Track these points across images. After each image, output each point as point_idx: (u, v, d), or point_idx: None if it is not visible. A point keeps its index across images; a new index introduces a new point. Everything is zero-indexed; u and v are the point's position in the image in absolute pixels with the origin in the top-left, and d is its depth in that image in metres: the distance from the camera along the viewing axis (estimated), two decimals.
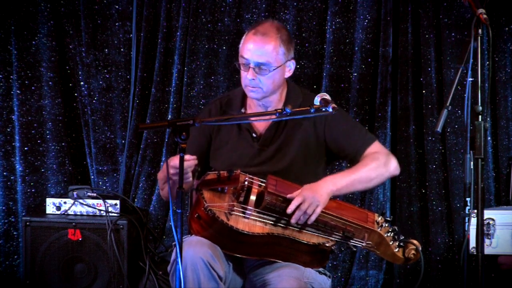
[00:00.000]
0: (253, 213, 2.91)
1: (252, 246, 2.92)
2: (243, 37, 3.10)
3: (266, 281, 2.97)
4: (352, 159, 3.14)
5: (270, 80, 3.05)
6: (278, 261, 3.00)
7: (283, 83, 3.15)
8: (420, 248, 3.04)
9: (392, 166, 3.14)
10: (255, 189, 2.96)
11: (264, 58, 3.03)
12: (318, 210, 2.91)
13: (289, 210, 2.90)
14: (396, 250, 3.04)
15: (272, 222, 2.93)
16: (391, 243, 3.03)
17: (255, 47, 3.03)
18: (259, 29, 3.06)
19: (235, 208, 2.90)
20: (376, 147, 3.15)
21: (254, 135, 3.14)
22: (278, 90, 3.13)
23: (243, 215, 2.91)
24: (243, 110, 3.18)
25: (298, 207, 2.90)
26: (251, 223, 2.90)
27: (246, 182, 2.96)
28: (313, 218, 2.91)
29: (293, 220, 2.91)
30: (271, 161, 3.11)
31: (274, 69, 3.03)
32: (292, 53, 3.11)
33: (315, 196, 2.91)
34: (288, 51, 3.08)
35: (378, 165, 3.09)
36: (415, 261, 3.06)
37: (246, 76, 3.05)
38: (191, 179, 2.89)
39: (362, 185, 3.08)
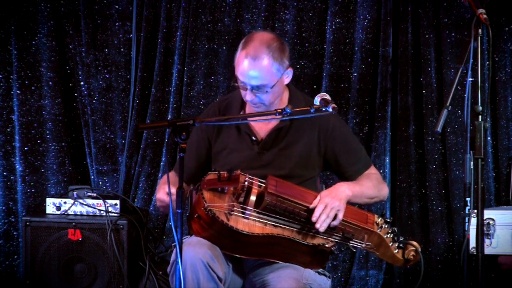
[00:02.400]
0: (253, 214, 2.91)
1: (251, 247, 2.92)
2: (237, 53, 3.04)
3: (266, 281, 2.98)
4: (347, 177, 3.19)
5: (269, 96, 3.05)
6: (277, 261, 3.00)
7: (284, 89, 3.16)
8: (420, 250, 3.04)
9: (386, 191, 3.25)
10: (255, 190, 2.96)
11: (259, 81, 3.00)
12: (340, 216, 2.94)
13: (314, 217, 2.91)
14: (396, 251, 3.04)
15: (272, 223, 2.93)
16: (390, 244, 3.03)
17: (248, 72, 2.99)
18: (250, 50, 2.99)
19: (235, 208, 2.90)
20: (373, 169, 3.24)
21: (253, 138, 3.14)
22: (279, 96, 3.14)
23: (243, 215, 2.91)
24: (242, 113, 3.18)
25: (321, 213, 2.91)
26: (251, 223, 2.90)
27: (246, 183, 2.96)
28: (335, 223, 2.94)
29: (317, 226, 2.90)
30: (272, 166, 3.11)
31: (272, 87, 3.03)
32: (287, 62, 3.06)
33: (336, 201, 2.93)
34: (282, 64, 3.03)
35: (378, 186, 3.19)
36: (414, 262, 3.06)
37: (244, 95, 3.05)
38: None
39: (366, 199, 3.15)
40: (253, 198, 2.93)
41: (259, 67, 2.98)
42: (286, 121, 3.08)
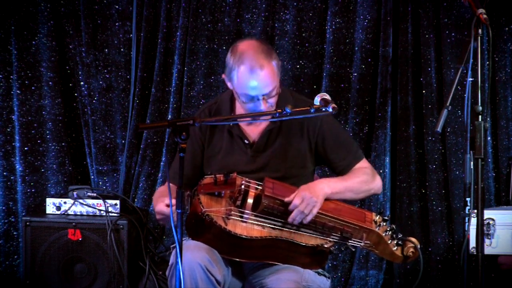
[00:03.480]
0: (251, 217, 2.91)
1: (250, 250, 2.91)
2: (234, 72, 2.99)
3: (265, 283, 2.97)
4: (340, 171, 3.17)
5: (276, 96, 3.06)
6: (277, 263, 3.00)
7: None
8: (419, 246, 3.04)
9: (378, 184, 3.19)
10: (252, 193, 2.95)
11: (271, 86, 3.00)
12: (315, 211, 2.92)
13: (289, 210, 2.90)
14: (395, 248, 3.04)
15: (270, 225, 2.92)
16: (389, 242, 3.03)
17: (259, 83, 2.97)
18: (250, 62, 2.97)
19: (232, 212, 2.89)
20: (364, 163, 3.19)
21: (246, 141, 3.13)
22: None
23: (241, 219, 2.90)
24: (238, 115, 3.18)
25: (296, 207, 2.90)
26: (249, 226, 2.89)
27: (243, 186, 2.95)
28: (309, 218, 2.92)
29: (290, 219, 2.91)
30: (267, 169, 3.10)
31: (278, 86, 3.04)
32: (277, 56, 3.08)
33: (312, 197, 2.92)
34: (277, 60, 3.05)
35: (368, 180, 3.14)
36: (414, 259, 3.06)
37: (257, 107, 3.01)
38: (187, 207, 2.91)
39: (351, 194, 3.11)
40: (250, 201, 2.92)
41: (267, 74, 2.98)
42: (276, 122, 3.07)
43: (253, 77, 2.97)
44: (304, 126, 3.13)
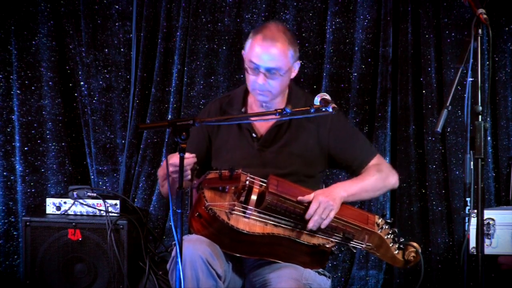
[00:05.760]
0: (254, 213, 2.92)
1: (252, 246, 2.92)
2: (249, 40, 3.09)
3: (266, 281, 2.98)
4: (354, 170, 3.18)
5: (279, 83, 3.06)
6: (277, 261, 3.00)
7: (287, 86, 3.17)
8: (420, 251, 3.04)
9: (394, 180, 3.20)
10: (256, 189, 2.96)
11: (274, 63, 3.03)
12: (332, 215, 2.94)
13: (308, 215, 2.92)
14: (396, 252, 3.04)
15: (273, 223, 2.93)
16: (391, 245, 3.03)
17: (265, 53, 3.02)
18: (267, 33, 3.04)
19: (236, 207, 2.91)
20: (378, 159, 3.21)
21: (254, 135, 3.15)
22: (283, 92, 3.14)
23: (244, 214, 2.91)
24: (243, 110, 3.19)
25: (315, 212, 2.91)
26: (252, 223, 2.91)
27: (247, 182, 2.96)
28: (326, 222, 2.94)
29: (310, 225, 2.92)
30: (273, 164, 3.11)
31: (284, 73, 3.04)
32: (298, 53, 3.13)
33: (329, 201, 2.93)
34: (295, 53, 3.09)
35: (383, 177, 3.15)
36: (414, 263, 3.06)
37: (256, 80, 3.05)
38: (190, 177, 2.91)
39: (368, 194, 3.14)
40: (254, 197, 2.94)
41: (276, 49, 3.02)
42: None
43: (262, 45, 3.02)
44: (315, 125, 3.15)
